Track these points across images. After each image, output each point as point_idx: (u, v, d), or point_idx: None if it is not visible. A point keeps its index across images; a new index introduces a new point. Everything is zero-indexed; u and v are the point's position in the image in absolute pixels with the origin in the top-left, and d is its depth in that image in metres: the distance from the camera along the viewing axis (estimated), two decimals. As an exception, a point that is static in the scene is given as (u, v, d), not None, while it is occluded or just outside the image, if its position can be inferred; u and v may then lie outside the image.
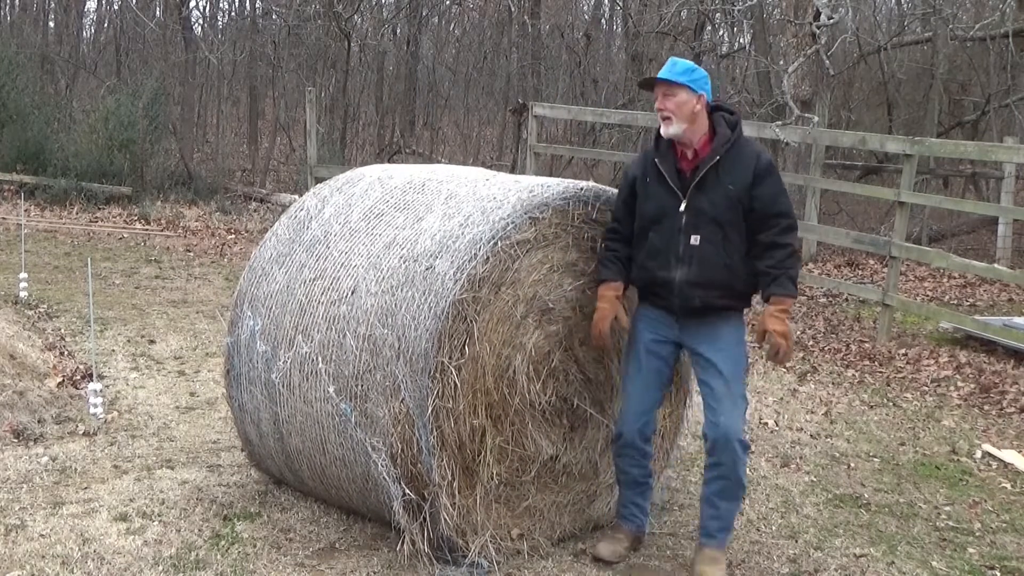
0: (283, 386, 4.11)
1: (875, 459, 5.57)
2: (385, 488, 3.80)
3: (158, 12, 19.24)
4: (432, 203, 4.08)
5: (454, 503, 3.76)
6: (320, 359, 3.96)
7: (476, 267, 3.73)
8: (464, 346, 3.72)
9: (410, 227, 4.01)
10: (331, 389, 3.92)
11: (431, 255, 3.82)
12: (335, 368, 3.91)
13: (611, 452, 4.17)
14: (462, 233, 3.83)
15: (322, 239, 4.22)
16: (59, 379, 5.94)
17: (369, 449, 3.80)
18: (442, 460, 3.72)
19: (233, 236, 12.88)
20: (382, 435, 3.76)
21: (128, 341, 7.22)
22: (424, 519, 3.75)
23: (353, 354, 3.86)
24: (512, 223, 3.83)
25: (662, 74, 3.88)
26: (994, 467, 5.56)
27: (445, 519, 3.74)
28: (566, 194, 4.01)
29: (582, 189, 4.08)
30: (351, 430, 3.88)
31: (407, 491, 3.73)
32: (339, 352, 3.91)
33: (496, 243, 3.78)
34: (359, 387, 3.84)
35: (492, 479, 3.91)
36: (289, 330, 4.10)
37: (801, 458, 5.46)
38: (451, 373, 3.68)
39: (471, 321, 3.73)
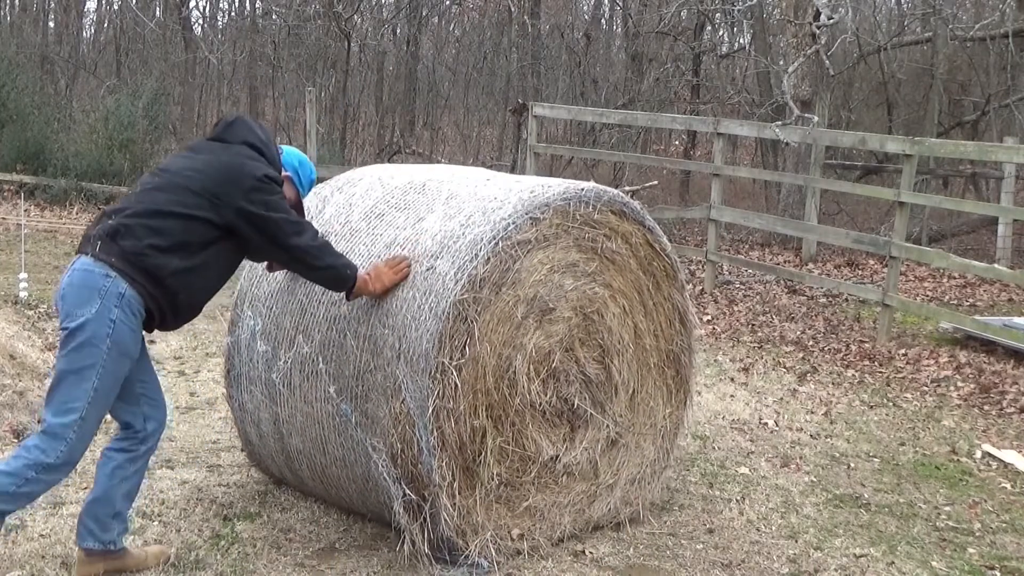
0: (283, 386, 4.11)
1: (875, 459, 5.57)
2: (385, 488, 3.80)
3: (158, 12, 19.25)
4: (433, 203, 4.08)
5: (454, 503, 3.76)
6: (321, 359, 3.96)
7: (477, 267, 3.72)
8: (465, 346, 3.72)
9: (411, 227, 4.01)
10: (332, 389, 3.92)
11: (432, 255, 3.82)
12: (335, 368, 3.92)
13: None
14: (463, 233, 3.83)
15: None
16: (59, 379, 5.93)
17: (369, 449, 3.80)
18: (442, 460, 3.71)
19: (233, 236, 12.88)
20: (382, 435, 3.76)
21: (128, 341, 7.20)
22: (424, 519, 3.75)
23: (353, 354, 3.86)
24: (513, 223, 3.83)
25: None
26: (994, 467, 5.56)
27: (445, 519, 3.74)
28: (567, 194, 4.00)
29: (583, 190, 4.07)
30: (351, 430, 3.88)
31: (407, 491, 3.73)
32: (340, 352, 3.91)
33: (497, 243, 3.78)
34: (359, 387, 3.84)
35: (492, 479, 3.91)
36: (290, 330, 4.10)
37: (801, 458, 5.46)
38: (452, 373, 3.68)
39: (472, 321, 3.73)
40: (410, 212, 4.10)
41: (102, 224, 3.52)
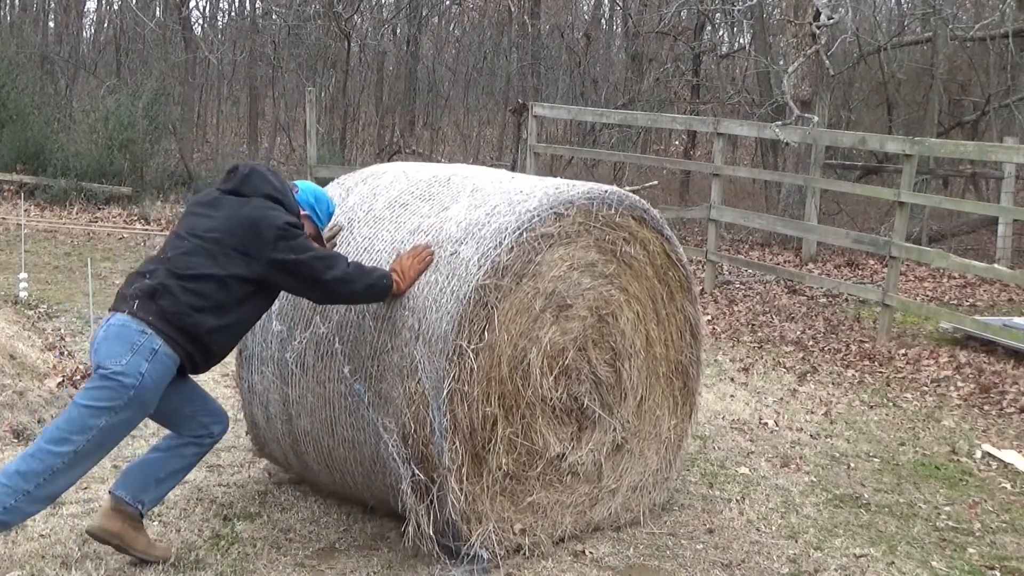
0: (296, 366, 4.13)
1: (875, 459, 5.57)
2: (394, 470, 3.81)
3: (158, 12, 19.22)
4: (458, 195, 4.13)
5: (462, 488, 3.78)
6: (337, 339, 3.98)
7: (500, 255, 3.76)
8: (483, 332, 3.75)
9: (435, 215, 4.05)
10: (346, 369, 3.94)
11: (456, 241, 3.85)
12: (351, 348, 3.94)
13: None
14: (488, 221, 3.87)
15: (345, 225, 4.27)
16: (59, 379, 5.94)
17: (381, 429, 3.82)
18: (454, 444, 3.73)
19: (233, 236, 12.86)
20: (395, 415, 3.78)
21: (128, 341, 7.20)
22: (432, 501, 3.77)
23: (371, 335, 3.89)
24: (538, 216, 3.88)
25: None
26: (994, 467, 5.56)
27: (452, 502, 3.75)
28: (591, 194, 4.06)
29: (607, 191, 4.13)
30: (363, 410, 3.89)
31: (416, 472, 3.74)
32: (357, 332, 3.94)
33: (521, 233, 3.82)
34: (375, 367, 3.86)
35: (499, 469, 3.92)
36: (307, 310, 4.13)
37: (801, 458, 5.46)
38: (468, 357, 3.70)
39: (492, 308, 3.76)
40: (435, 202, 4.14)
41: (138, 284, 3.61)
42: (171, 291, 3.56)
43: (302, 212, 3.94)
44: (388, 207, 4.25)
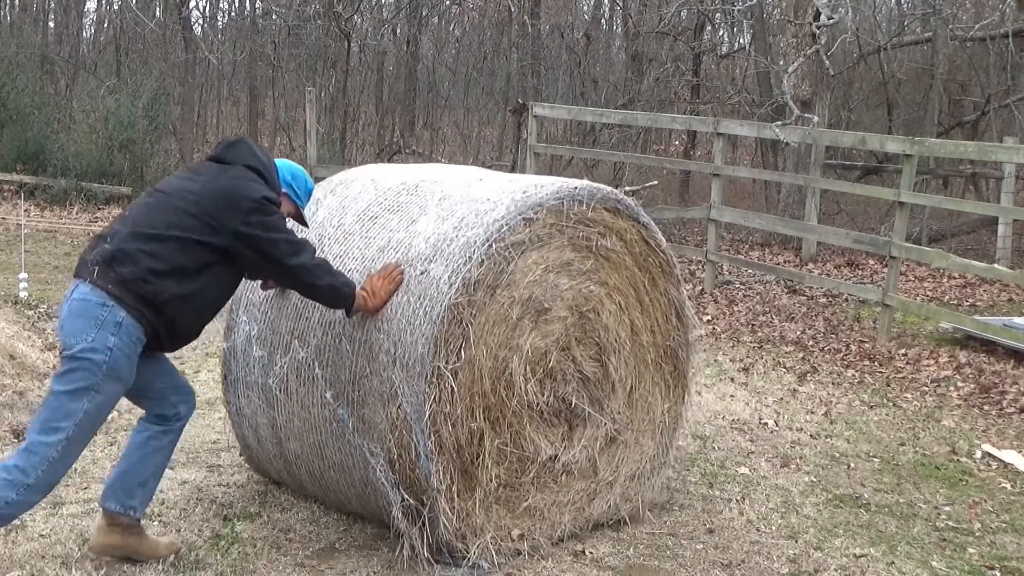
0: (280, 391, 4.10)
1: (875, 459, 5.57)
2: (384, 493, 3.79)
3: (158, 12, 19.23)
4: (426, 205, 4.06)
5: (453, 507, 3.75)
6: (317, 364, 3.95)
7: (471, 270, 3.70)
8: (460, 350, 3.70)
9: (404, 230, 3.98)
10: (328, 394, 3.90)
11: (425, 259, 3.80)
12: (332, 373, 3.90)
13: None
14: (456, 236, 3.80)
15: (316, 243, 4.20)
16: (59, 379, 5.93)
17: (367, 455, 3.79)
18: (440, 465, 3.70)
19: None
20: (380, 441, 3.75)
21: (128, 341, 7.20)
22: (423, 524, 3.74)
23: (349, 359, 3.85)
24: (506, 225, 3.81)
25: None
26: (994, 467, 5.56)
27: (444, 524, 3.73)
28: (560, 194, 3.98)
29: (576, 188, 4.05)
30: (349, 435, 3.87)
31: (405, 496, 3.73)
32: (335, 357, 3.89)
33: (490, 245, 3.76)
34: (356, 392, 3.83)
35: (491, 481, 3.90)
36: (285, 335, 4.08)
37: (801, 458, 5.46)
38: (448, 378, 3.66)
39: (467, 325, 3.71)
40: (403, 214, 4.07)
41: (99, 248, 3.53)
42: (130, 256, 3.47)
43: (281, 191, 3.86)
44: (358, 220, 4.17)
